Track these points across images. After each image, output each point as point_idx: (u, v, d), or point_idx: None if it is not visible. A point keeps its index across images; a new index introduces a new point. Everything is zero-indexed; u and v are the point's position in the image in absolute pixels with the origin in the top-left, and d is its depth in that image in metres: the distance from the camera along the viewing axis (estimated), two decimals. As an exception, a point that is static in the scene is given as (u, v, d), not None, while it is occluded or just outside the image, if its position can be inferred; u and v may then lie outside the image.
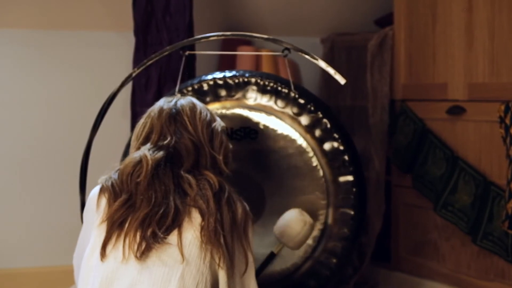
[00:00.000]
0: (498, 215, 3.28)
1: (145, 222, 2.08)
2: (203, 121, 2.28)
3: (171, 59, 3.62)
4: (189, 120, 2.27)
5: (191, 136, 2.24)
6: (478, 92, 3.45)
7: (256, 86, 2.92)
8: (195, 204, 2.12)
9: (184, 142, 2.23)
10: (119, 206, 2.11)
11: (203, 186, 2.15)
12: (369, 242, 3.96)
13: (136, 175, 2.15)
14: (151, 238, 2.06)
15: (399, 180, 3.89)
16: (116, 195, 2.14)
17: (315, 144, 2.91)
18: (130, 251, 2.06)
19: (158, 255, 2.06)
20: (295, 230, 2.78)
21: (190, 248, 2.07)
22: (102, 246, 2.08)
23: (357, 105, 4.19)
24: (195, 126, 2.27)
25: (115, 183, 2.16)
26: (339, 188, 2.92)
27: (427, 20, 3.73)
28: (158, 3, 3.73)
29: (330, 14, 4.47)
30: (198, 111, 2.30)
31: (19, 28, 3.94)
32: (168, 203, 2.11)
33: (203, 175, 2.19)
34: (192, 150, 2.23)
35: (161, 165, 2.17)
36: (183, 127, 2.26)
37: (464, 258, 3.55)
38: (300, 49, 2.85)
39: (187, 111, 2.29)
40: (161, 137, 2.24)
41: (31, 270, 3.97)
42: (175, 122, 2.26)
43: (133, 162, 2.18)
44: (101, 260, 2.08)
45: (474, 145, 3.47)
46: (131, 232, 2.07)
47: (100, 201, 2.16)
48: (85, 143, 2.92)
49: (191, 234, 2.08)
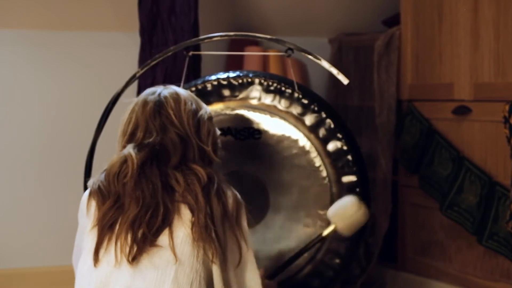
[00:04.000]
0: (503, 215, 3.27)
1: (135, 224, 2.06)
2: (188, 112, 2.21)
3: (177, 60, 3.63)
4: (174, 112, 2.20)
5: (177, 129, 2.18)
6: (483, 92, 3.44)
7: (260, 86, 2.93)
8: (184, 200, 2.09)
9: (170, 137, 2.17)
10: (107, 208, 2.09)
11: (191, 181, 2.11)
12: (376, 242, 3.96)
13: (123, 175, 2.11)
14: (142, 241, 2.04)
15: (406, 180, 3.89)
16: (104, 197, 2.11)
17: (319, 144, 2.92)
18: (122, 255, 2.04)
19: (150, 258, 2.04)
20: (348, 211, 2.77)
21: (182, 246, 2.05)
22: (95, 251, 2.06)
23: (364, 105, 4.19)
24: (181, 118, 2.20)
25: (102, 185, 2.12)
26: (343, 188, 2.92)
27: (434, 20, 3.73)
28: (163, 3, 3.74)
29: (339, 14, 4.46)
30: (183, 101, 2.23)
31: (26, 29, 3.96)
32: (157, 202, 2.08)
33: (191, 169, 2.14)
34: (178, 144, 2.17)
35: (147, 163, 2.13)
36: (168, 120, 2.19)
37: (470, 259, 3.54)
38: (303, 49, 2.86)
39: (171, 103, 2.21)
40: (146, 133, 2.18)
41: (34, 270, 3.98)
42: (160, 116, 2.19)
43: (119, 162, 2.14)
44: (94, 266, 2.06)
45: (479, 145, 3.46)
46: (122, 235, 2.05)
47: (90, 205, 2.13)
48: (90, 142, 2.94)
49: (182, 232, 2.06)
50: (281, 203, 2.93)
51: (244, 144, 2.90)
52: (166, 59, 3.16)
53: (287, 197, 2.94)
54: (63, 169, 3.99)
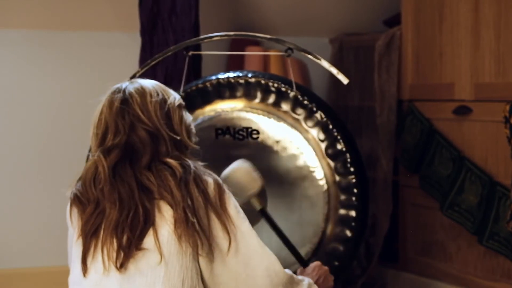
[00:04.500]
0: (504, 215, 3.27)
1: (118, 228, 2.02)
2: (155, 104, 2.14)
3: (177, 60, 3.63)
4: (140, 107, 2.12)
5: (145, 125, 2.11)
6: (484, 92, 3.44)
7: (259, 87, 2.93)
8: (161, 197, 2.04)
9: (138, 134, 2.11)
10: (89, 215, 2.06)
11: (164, 177, 2.06)
12: (376, 242, 3.95)
13: (98, 181, 2.07)
14: (127, 247, 2.00)
15: (406, 180, 3.88)
16: (84, 205, 2.08)
17: (317, 144, 2.91)
18: (110, 262, 2.01)
19: (136, 264, 2.01)
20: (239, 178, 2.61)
21: (169, 245, 2.01)
22: (82, 260, 2.04)
23: (365, 105, 4.19)
24: (148, 113, 2.12)
25: (79, 193, 2.10)
26: (341, 189, 2.92)
27: (434, 20, 3.73)
28: (164, 3, 3.74)
29: (339, 14, 4.46)
30: (148, 94, 2.15)
31: (27, 29, 3.97)
32: (136, 204, 2.03)
33: (165, 163, 2.09)
34: (148, 141, 2.11)
35: (119, 164, 2.09)
36: (135, 118, 2.12)
37: (471, 259, 3.54)
38: (302, 49, 2.86)
39: (137, 99, 2.13)
40: (116, 134, 2.12)
41: (35, 270, 3.98)
42: (128, 114, 2.12)
43: (92, 168, 2.10)
44: (83, 276, 2.04)
45: (480, 145, 3.46)
46: (107, 240, 2.02)
47: (72, 215, 2.11)
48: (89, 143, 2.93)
49: (166, 230, 2.02)
50: (278, 203, 2.92)
51: (242, 143, 2.90)
52: (167, 59, 3.16)
53: (284, 198, 2.93)
54: (63, 169, 3.98)
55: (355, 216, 2.91)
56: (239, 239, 2.10)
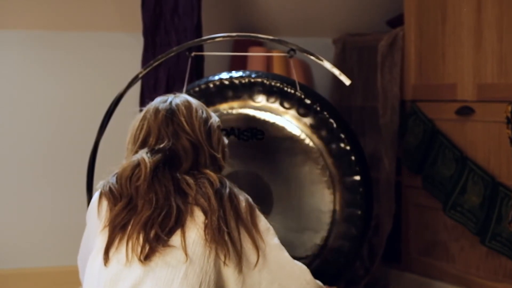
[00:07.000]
0: (506, 216, 3.27)
1: (148, 224, 2.08)
2: (199, 120, 2.28)
3: (180, 60, 3.64)
4: (186, 120, 2.26)
5: (188, 136, 2.24)
6: (487, 92, 3.44)
7: (262, 87, 2.93)
8: (197, 203, 2.12)
9: (182, 143, 2.23)
10: (120, 210, 2.12)
11: (202, 184, 2.15)
12: (379, 242, 3.96)
13: (135, 179, 2.15)
14: (155, 241, 2.06)
15: (409, 181, 3.89)
16: (116, 199, 2.14)
17: (321, 144, 2.92)
18: (133, 254, 2.06)
19: (162, 257, 2.06)
20: None
21: (194, 247, 2.07)
22: (105, 251, 2.08)
23: (368, 106, 4.19)
24: (192, 126, 2.26)
25: (113, 187, 2.16)
26: (346, 188, 2.93)
27: (437, 20, 3.73)
28: (166, 4, 3.75)
29: (342, 15, 4.47)
30: (194, 109, 2.29)
31: (28, 29, 3.97)
32: (170, 204, 2.11)
33: (203, 174, 2.19)
34: (190, 150, 2.23)
35: (160, 167, 2.17)
36: (180, 128, 2.25)
37: (473, 259, 3.54)
38: (305, 49, 2.86)
39: (183, 111, 2.27)
40: (158, 140, 2.24)
41: (36, 270, 3.99)
42: (172, 123, 2.25)
43: (131, 165, 2.17)
44: (104, 265, 2.08)
45: (483, 146, 3.46)
46: (134, 235, 2.07)
47: (101, 207, 2.16)
48: (93, 143, 2.94)
49: (195, 233, 2.08)
50: (284, 203, 2.93)
51: (247, 144, 2.90)
52: (169, 59, 3.17)
53: (290, 198, 2.94)
54: (65, 169, 4.00)
55: (360, 214, 2.92)
56: (268, 253, 2.20)
